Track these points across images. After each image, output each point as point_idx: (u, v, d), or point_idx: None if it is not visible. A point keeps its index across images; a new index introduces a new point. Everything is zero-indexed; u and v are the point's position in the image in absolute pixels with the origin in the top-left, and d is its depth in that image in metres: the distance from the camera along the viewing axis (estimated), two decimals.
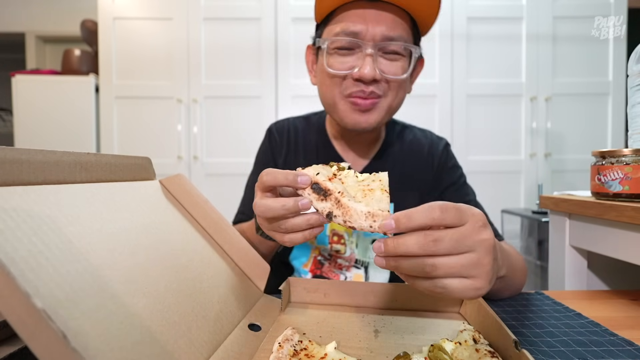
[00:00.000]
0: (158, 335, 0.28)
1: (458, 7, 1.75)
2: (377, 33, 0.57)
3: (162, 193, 0.46)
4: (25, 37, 2.68)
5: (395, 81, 0.60)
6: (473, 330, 0.38)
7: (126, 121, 1.81)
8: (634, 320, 0.49)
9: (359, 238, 0.68)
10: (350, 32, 0.57)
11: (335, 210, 0.34)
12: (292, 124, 0.76)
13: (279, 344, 0.35)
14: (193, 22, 1.78)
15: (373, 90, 0.58)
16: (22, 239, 0.23)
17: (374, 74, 0.57)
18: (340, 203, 0.34)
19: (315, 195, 0.35)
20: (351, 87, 0.59)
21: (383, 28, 0.57)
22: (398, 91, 0.61)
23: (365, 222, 0.32)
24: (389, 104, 0.61)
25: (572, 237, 0.68)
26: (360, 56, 0.58)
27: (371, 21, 0.57)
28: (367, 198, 0.35)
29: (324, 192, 0.35)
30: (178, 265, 0.37)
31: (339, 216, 0.34)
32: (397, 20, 0.58)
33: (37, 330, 0.18)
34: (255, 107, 1.78)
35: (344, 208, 0.33)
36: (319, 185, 0.36)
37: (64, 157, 0.32)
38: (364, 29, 0.57)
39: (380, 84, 0.59)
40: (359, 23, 0.57)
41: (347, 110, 0.61)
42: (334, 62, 0.60)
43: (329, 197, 0.35)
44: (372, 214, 0.32)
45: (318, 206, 0.35)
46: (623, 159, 0.55)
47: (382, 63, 0.58)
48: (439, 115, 1.77)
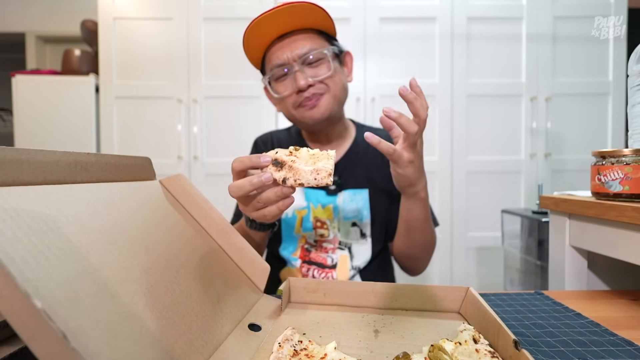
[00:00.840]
0: (158, 335, 0.28)
1: (458, 7, 1.75)
2: (295, 55, 0.72)
3: (162, 193, 0.46)
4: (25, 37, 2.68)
5: (328, 77, 0.73)
6: (473, 330, 0.38)
7: (126, 121, 1.81)
8: (634, 320, 0.48)
9: (340, 222, 0.79)
10: (277, 64, 0.73)
11: (288, 174, 0.43)
12: (275, 136, 0.89)
13: (279, 344, 0.35)
14: (193, 22, 1.78)
15: (314, 92, 0.73)
16: (22, 239, 0.23)
17: (307, 81, 0.71)
18: (292, 168, 0.43)
19: (274, 168, 0.44)
20: (298, 99, 0.73)
21: (297, 48, 0.72)
22: (335, 83, 0.75)
23: (310, 176, 0.42)
24: (333, 95, 0.75)
25: (572, 237, 0.68)
26: (292, 75, 0.73)
27: (288, 48, 0.72)
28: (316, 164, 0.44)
29: (280, 163, 0.44)
30: (178, 265, 0.37)
31: (290, 177, 0.43)
32: (308, 37, 0.73)
33: (37, 330, 0.18)
34: (255, 107, 1.78)
35: (294, 170, 0.43)
36: (277, 160, 0.44)
37: (64, 157, 0.32)
38: (287, 56, 0.72)
39: (316, 85, 0.73)
40: (280, 55, 0.72)
41: (301, 113, 0.75)
42: (278, 89, 0.76)
43: (284, 167, 0.44)
44: (317, 170, 0.42)
45: (276, 175, 0.44)
46: (623, 159, 0.55)
47: (309, 71, 0.73)
48: (439, 115, 1.77)
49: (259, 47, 0.75)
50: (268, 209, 0.47)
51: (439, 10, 1.75)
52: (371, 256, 0.79)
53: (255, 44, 0.74)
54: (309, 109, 0.74)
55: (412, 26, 1.76)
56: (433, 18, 1.76)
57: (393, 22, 1.75)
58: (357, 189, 0.80)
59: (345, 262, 0.76)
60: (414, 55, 1.77)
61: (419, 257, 0.76)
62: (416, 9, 1.75)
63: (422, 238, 0.71)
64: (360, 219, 0.79)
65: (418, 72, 1.78)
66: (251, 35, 0.72)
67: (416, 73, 1.78)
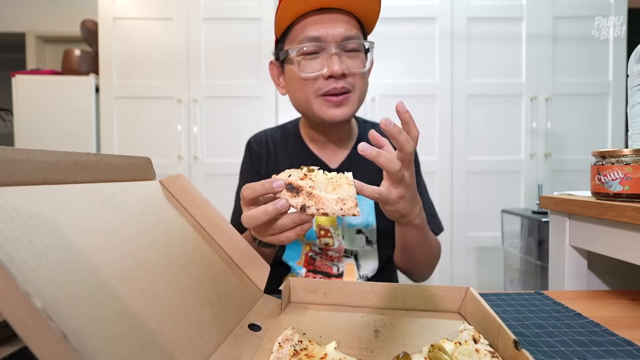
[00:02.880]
0: (158, 335, 0.28)
1: (458, 7, 1.75)
2: (336, 34, 0.63)
3: (162, 193, 0.46)
4: (25, 37, 2.68)
5: (359, 74, 0.66)
6: (473, 330, 0.38)
7: (126, 121, 1.81)
8: (633, 320, 0.48)
9: (345, 230, 0.73)
10: (312, 37, 0.63)
11: (307, 201, 0.39)
12: (270, 135, 0.81)
13: (279, 344, 0.35)
14: (193, 22, 1.78)
15: (344, 85, 0.64)
16: (22, 239, 0.23)
17: (342, 68, 0.63)
18: (312, 195, 0.39)
19: (289, 194, 0.40)
20: (324, 86, 0.64)
21: (341, 29, 0.63)
22: (363, 83, 0.68)
23: (336, 206, 0.38)
24: (359, 96, 0.68)
25: (572, 237, 0.68)
26: (326, 57, 0.64)
27: (329, 25, 0.63)
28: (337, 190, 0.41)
29: (296, 189, 0.40)
30: (178, 265, 0.37)
31: (312, 206, 0.39)
32: (349, 21, 0.65)
33: (37, 330, 0.18)
34: (255, 107, 1.78)
35: (316, 198, 0.39)
36: (291, 185, 0.40)
37: (64, 157, 0.32)
38: (325, 32, 0.63)
39: (348, 78, 0.65)
40: (319, 28, 0.63)
41: (322, 107, 0.66)
42: (304, 67, 0.65)
43: (300, 193, 0.40)
44: (342, 199, 0.39)
45: (292, 202, 0.40)
46: (623, 159, 0.55)
47: (345, 60, 0.64)
48: (439, 115, 1.77)
49: (296, 13, 0.64)
50: (285, 234, 0.43)
51: (439, 10, 1.75)
52: (379, 264, 0.74)
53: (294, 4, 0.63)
54: (333, 106, 0.65)
55: (412, 26, 1.76)
56: (433, 18, 1.76)
57: (393, 22, 1.75)
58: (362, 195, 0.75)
59: (352, 271, 0.72)
60: (414, 55, 1.77)
61: (420, 272, 0.73)
62: (416, 9, 1.75)
63: (421, 257, 0.67)
64: (366, 226, 0.73)
65: (418, 72, 1.78)
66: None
67: (416, 73, 1.78)
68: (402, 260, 0.70)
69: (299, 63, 0.65)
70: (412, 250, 0.65)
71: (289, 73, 0.69)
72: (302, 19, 0.64)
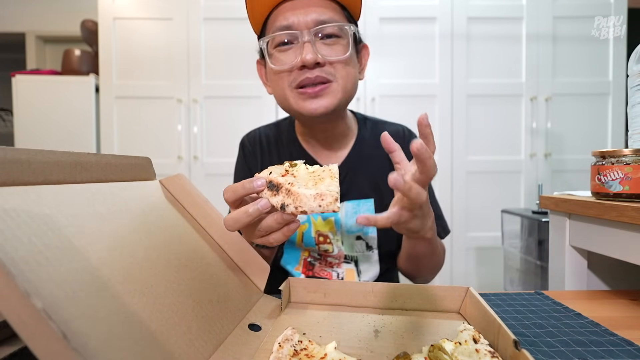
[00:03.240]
0: (158, 335, 0.28)
1: (458, 7, 1.75)
2: (309, 20, 0.58)
3: (162, 193, 0.46)
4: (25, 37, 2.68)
5: (340, 62, 0.60)
6: (473, 330, 0.38)
7: (126, 121, 1.81)
8: (634, 320, 0.48)
9: (344, 236, 0.70)
10: (282, 25, 0.58)
11: (286, 199, 0.36)
12: (263, 133, 0.77)
13: (279, 344, 0.35)
14: (193, 22, 1.78)
15: (319, 75, 0.58)
16: (22, 239, 0.23)
17: (315, 57, 0.57)
18: (290, 192, 0.36)
19: (269, 192, 0.38)
20: (297, 77, 0.59)
21: (314, 15, 0.58)
22: (347, 72, 0.61)
23: (314, 202, 0.36)
24: (342, 86, 0.61)
25: (572, 237, 0.68)
26: (299, 45, 0.58)
27: (301, 11, 0.58)
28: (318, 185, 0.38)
29: (275, 187, 0.38)
30: (178, 265, 0.37)
31: (290, 204, 0.36)
32: (325, 4, 0.59)
33: (37, 330, 0.18)
34: (255, 107, 1.78)
35: (294, 195, 0.36)
36: (271, 183, 0.38)
37: (64, 157, 0.32)
38: (296, 19, 0.58)
39: (325, 67, 0.59)
40: (289, 16, 0.58)
41: (299, 100, 0.60)
42: (277, 60, 0.61)
43: (280, 190, 0.37)
44: (320, 195, 0.36)
45: (273, 201, 0.37)
46: (623, 159, 0.55)
47: (321, 48, 0.59)
48: (439, 115, 1.77)
49: (265, 4, 0.60)
50: (272, 236, 0.41)
51: (439, 10, 1.75)
52: (380, 271, 0.72)
53: None
54: (308, 98, 0.60)
55: (412, 26, 1.76)
56: (433, 18, 1.76)
57: (393, 22, 1.75)
58: (361, 200, 0.70)
59: (352, 277, 0.70)
60: (414, 55, 1.77)
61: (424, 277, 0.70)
62: (416, 9, 1.75)
63: (428, 265, 0.65)
64: (366, 233, 0.70)
65: (418, 72, 1.78)
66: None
67: (416, 73, 1.78)
68: (407, 267, 0.68)
69: (272, 55, 0.61)
70: (420, 259, 0.63)
71: (268, 69, 0.64)
72: (275, 9, 0.60)
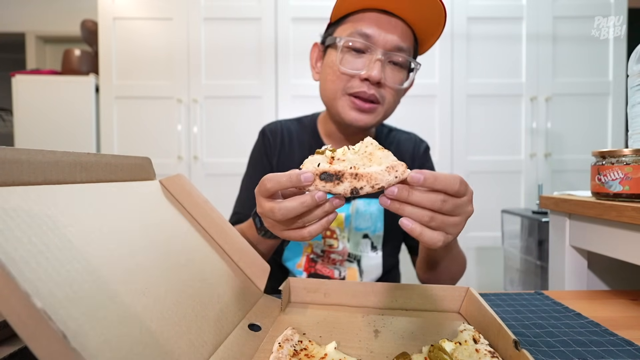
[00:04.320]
0: (158, 335, 0.28)
1: (458, 7, 1.75)
2: (388, 40, 0.60)
3: (162, 193, 0.46)
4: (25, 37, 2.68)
5: (394, 89, 0.64)
6: (473, 330, 0.38)
7: (126, 121, 1.81)
8: (634, 320, 0.48)
9: (351, 232, 0.71)
10: (363, 33, 0.60)
11: (357, 183, 0.35)
12: (285, 126, 0.78)
13: (279, 344, 0.35)
14: (193, 22, 1.78)
15: (374, 94, 0.61)
16: (22, 239, 0.23)
17: (381, 77, 0.60)
18: (359, 175, 0.35)
19: (330, 184, 0.36)
20: (355, 87, 0.62)
21: (395, 37, 0.60)
22: (394, 99, 0.66)
23: (390, 176, 0.35)
24: (385, 110, 0.65)
25: (572, 237, 0.68)
26: (371, 59, 0.61)
27: (384, 27, 0.60)
28: (374, 160, 0.37)
29: (336, 176, 0.36)
30: (178, 265, 0.37)
31: (365, 186, 0.35)
32: (406, 32, 0.62)
33: (37, 330, 0.18)
34: (255, 107, 1.78)
35: (366, 176, 0.35)
36: (327, 173, 0.36)
37: (64, 157, 0.32)
38: (377, 33, 0.60)
39: (382, 89, 0.62)
40: (373, 27, 0.60)
41: (347, 107, 0.64)
42: (346, 61, 0.62)
43: (343, 178, 0.35)
44: (392, 167, 0.35)
45: (338, 190, 0.36)
46: (623, 159, 0.55)
47: (387, 70, 0.62)
48: (439, 115, 1.77)
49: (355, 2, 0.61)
50: (310, 228, 0.39)
51: None
52: (382, 272, 0.73)
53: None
54: (357, 109, 0.63)
55: None
56: None
57: None
58: (372, 198, 0.71)
59: (354, 278, 0.71)
60: None
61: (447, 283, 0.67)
62: None
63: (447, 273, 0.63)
64: (373, 231, 0.71)
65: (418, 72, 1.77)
66: None
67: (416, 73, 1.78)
68: (425, 274, 0.66)
69: (343, 55, 0.63)
70: (438, 266, 0.62)
71: (328, 61, 0.66)
72: (362, 12, 0.62)
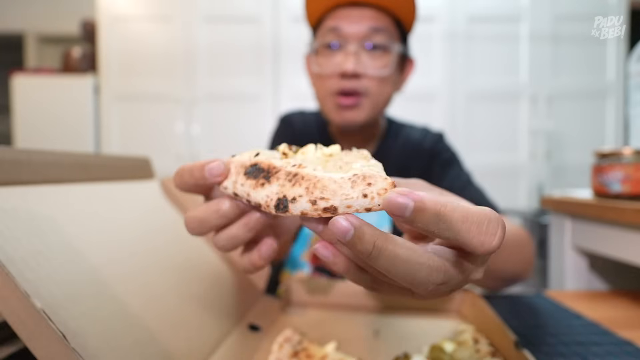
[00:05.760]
0: (158, 335, 0.28)
1: (458, 7, 1.75)
2: (359, 30, 0.58)
3: (162, 193, 0.46)
4: (25, 36, 2.68)
5: (377, 78, 0.60)
6: (473, 330, 0.38)
7: (126, 121, 1.81)
8: (634, 320, 0.48)
9: None
10: (332, 28, 0.59)
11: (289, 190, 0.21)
12: (300, 118, 0.77)
13: (279, 345, 0.35)
14: (193, 22, 1.78)
15: (352, 87, 0.59)
16: (22, 239, 0.23)
17: (355, 68, 0.57)
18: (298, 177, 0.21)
19: (252, 182, 0.23)
20: (336, 85, 0.60)
21: (364, 24, 0.58)
22: (382, 88, 0.61)
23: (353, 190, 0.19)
24: (373, 102, 0.61)
25: (573, 238, 0.68)
26: (344, 53, 0.59)
27: (354, 20, 0.59)
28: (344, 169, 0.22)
29: (264, 172, 0.22)
30: (178, 265, 0.37)
31: (302, 197, 0.20)
32: (379, 17, 0.60)
33: (36, 330, 0.18)
34: (255, 107, 1.78)
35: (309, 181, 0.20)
36: (256, 166, 0.23)
37: (64, 157, 0.31)
38: (347, 25, 0.59)
39: (361, 80, 0.59)
40: (342, 24, 0.59)
41: (333, 109, 0.62)
42: (324, 62, 0.61)
43: (273, 178, 0.22)
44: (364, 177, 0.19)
45: (257, 197, 0.22)
46: (623, 159, 0.55)
47: (364, 59, 0.59)
48: (439, 115, 1.77)
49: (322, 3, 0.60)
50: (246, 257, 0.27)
51: (439, 10, 1.75)
52: None
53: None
54: (342, 109, 0.60)
55: None
56: (433, 18, 1.76)
57: None
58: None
59: None
60: (415, 55, 1.77)
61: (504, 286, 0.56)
62: None
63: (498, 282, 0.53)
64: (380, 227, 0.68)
65: (418, 72, 1.77)
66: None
67: (416, 73, 1.77)
68: None
69: (320, 57, 0.62)
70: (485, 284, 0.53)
71: (312, 68, 0.64)
72: (334, 11, 0.61)
